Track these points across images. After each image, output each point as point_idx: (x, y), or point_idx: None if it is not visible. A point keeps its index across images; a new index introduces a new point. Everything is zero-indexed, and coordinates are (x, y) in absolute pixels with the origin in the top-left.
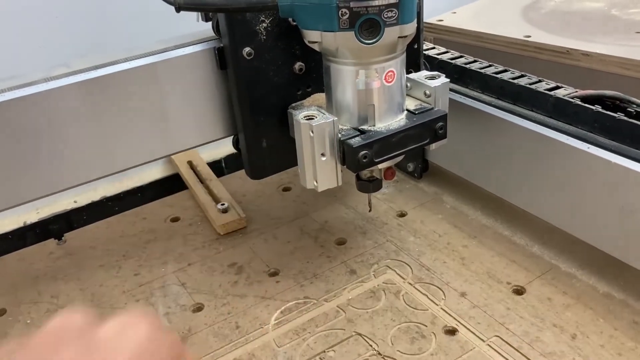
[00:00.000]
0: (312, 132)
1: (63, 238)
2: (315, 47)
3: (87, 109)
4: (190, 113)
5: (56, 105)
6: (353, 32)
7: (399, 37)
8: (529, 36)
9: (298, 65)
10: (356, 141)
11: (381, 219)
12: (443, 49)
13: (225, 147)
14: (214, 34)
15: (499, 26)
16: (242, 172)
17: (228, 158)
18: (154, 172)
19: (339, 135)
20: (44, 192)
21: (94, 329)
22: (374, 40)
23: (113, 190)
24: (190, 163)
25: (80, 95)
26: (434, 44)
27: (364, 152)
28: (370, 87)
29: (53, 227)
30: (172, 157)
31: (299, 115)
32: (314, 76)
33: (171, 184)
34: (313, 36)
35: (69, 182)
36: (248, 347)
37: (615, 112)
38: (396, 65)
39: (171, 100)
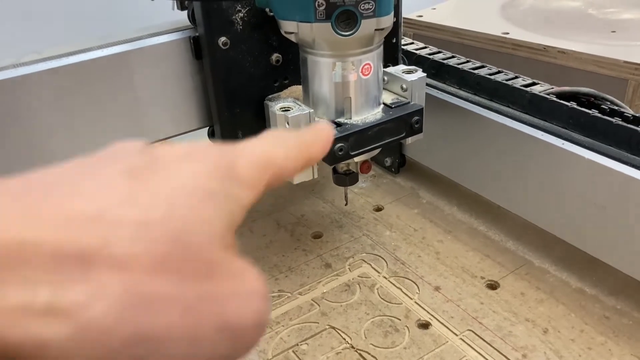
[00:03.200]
0: (288, 123)
1: None
2: (292, 38)
3: (57, 97)
4: (164, 103)
5: (25, 93)
6: (330, 23)
7: (375, 29)
8: (507, 33)
9: (275, 56)
10: None
11: (358, 213)
12: (421, 44)
13: (201, 139)
14: (189, 23)
15: (477, 23)
16: None
17: None
18: None
19: None
20: None
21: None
22: (351, 32)
23: None
24: None
25: (50, 83)
26: (413, 40)
27: (340, 144)
28: (347, 80)
29: None
30: None
31: (275, 107)
32: (292, 68)
33: None
34: (289, 27)
35: None
36: None
37: (590, 109)
38: (373, 58)
39: (145, 89)
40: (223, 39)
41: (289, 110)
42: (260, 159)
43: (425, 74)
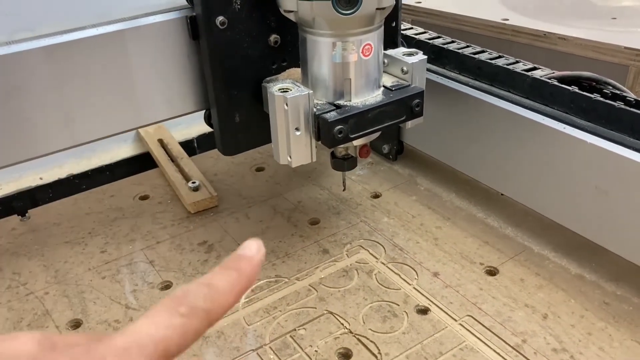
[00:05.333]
0: (287, 105)
1: (27, 214)
2: (291, 16)
3: (50, 75)
4: (160, 84)
5: (17, 71)
6: (330, 1)
7: (377, 8)
8: (507, 19)
9: (273, 37)
10: (331, 116)
11: (355, 199)
12: (421, 29)
13: (197, 126)
14: (186, 2)
15: (477, 9)
16: (215, 151)
17: (200, 137)
18: (124, 150)
19: (314, 109)
20: (2, 162)
21: None
22: (352, 10)
23: (80, 168)
24: (161, 141)
25: (43, 61)
26: (412, 26)
27: (340, 127)
28: (347, 61)
29: (17, 204)
30: (143, 135)
31: (273, 88)
32: (290, 50)
33: (141, 163)
34: (289, 4)
35: (30, 153)
36: (217, 324)
37: (592, 93)
38: (374, 38)
39: (140, 70)
40: (220, 18)
41: (287, 91)
42: (149, 359)
43: (426, 57)
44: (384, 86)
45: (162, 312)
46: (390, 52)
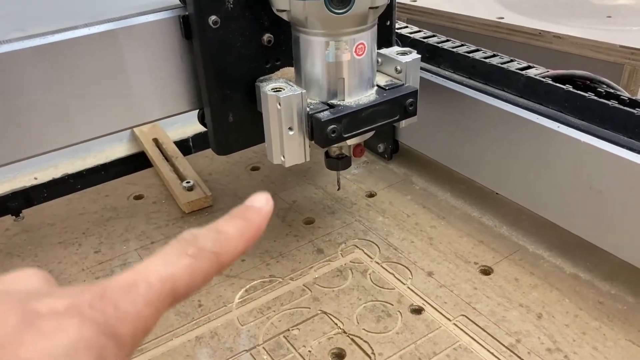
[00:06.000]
0: (280, 104)
1: (21, 214)
2: (284, 16)
3: (43, 75)
4: (153, 84)
5: (9, 71)
6: (323, 0)
7: (370, 7)
8: (502, 18)
9: (267, 36)
10: (325, 115)
11: (350, 199)
12: (416, 28)
13: (192, 126)
14: (179, 2)
15: (472, 7)
16: (210, 151)
17: (195, 137)
18: (118, 150)
19: (308, 109)
20: None
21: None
22: (345, 9)
23: (75, 168)
24: (155, 141)
25: (35, 61)
26: (407, 24)
27: (333, 126)
28: (340, 60)
29: (11, 204)
30: (138, 134)
31: (267, 88)
32: (283, 49)
33: (136, 163)
34: (281, 4)
35: (23, 153)
36: (211, 325)
37: (586, 92)
38: (367, 37)
39: (133, 69)
40: (213, 17)
41: (280, 90)
42: (156, 296)
43: (420, 56)
44: (377, 85)
45: (170, 252)
46: (384, 51)
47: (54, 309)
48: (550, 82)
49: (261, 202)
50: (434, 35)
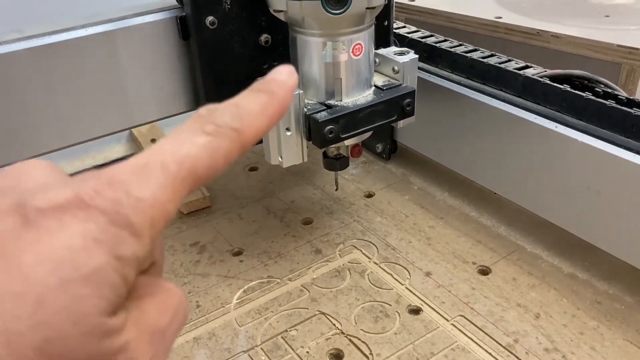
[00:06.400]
0: None
1: None
2: (281, 16)
3: (39, 76)
4: (150, 85)
5: (6, 72)
6: (320, 1)
7: (367, 8)
8: (500, 17)
9: (264, 37)
10: (322, 116)
11: (348, 199)
12: (414, 28)
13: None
14: (176, 2)
15: (470, 7)
16: None
17: None
18: (117, 151)
19: (305, 109)
20: None
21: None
22: (341, 10)
23: (74, 168)
24: (154, 142)
25: (32, 62)
26: (405, 24)
27: (330, 127)
28: (338, 60)
29: None
30: (136, 135)
31: None
32: (281, 49)
33: None
34: (278, 5)
35: (20, 153)
36: (209, 326)
37: (583, 92)
38: (364, 38)
39: (130, 71)
40: (210, 18)
41: None
42: (172, 179)
43: (417, 56)
44: (375, 86)
45: (186, 131)
46: (381, 51)
47: (56, 203)
48: (548, 81)
49: (284, 75)
50: (431, 35)
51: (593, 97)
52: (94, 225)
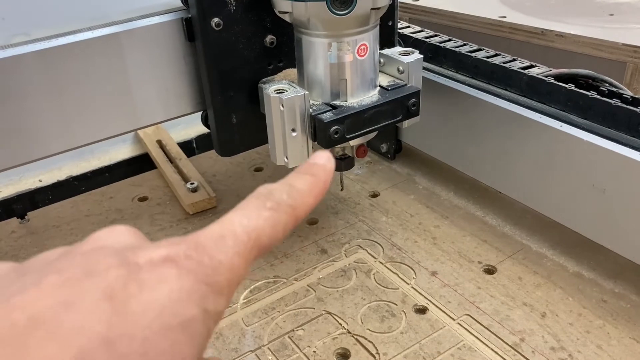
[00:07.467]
0: (283, 106)
1: (26, 217)
2: (286, 17)
3: (46, 79)
4: (156, 87)
5: (14, 75)
6: (325, 2)
7: (372, 8)
8: (504, 17)
9: (269, 38)
10: (327, 116)
11: (353, 199)
12: (418, 28)
13: (196, 127)
14: (181, 4)
15: (474, 6)
16: (213, 152)
17: (199, 138)
18: (123, 152)
19: (310, 110)
20: (0, 166)
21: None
22: (347, 11)
23: (80, 170)
24: (159, 142)
25: (39, 65)
26: (409, 24)
27: (336, 127)
28: (343, 61)
29: (17, 207)
30: (142, 136)
31: (269, 89)
32: (286, 50)
33: (140, 164)
34: (284, 6)
35: (28, 156)
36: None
37: (588, 91)
38: (369, 38)
39: (136, 72)
40: (216, 20)
41: (283, 92)
42: (243, 247)
43: (422, 56)
44: (380, 86)
45: (251, 206)
46: (386, 51)
47: (152, 261)
48: (553, 81)
49: (323, 159)
50: (436, 35)
51: (598, 96)
52: (186, 282)
